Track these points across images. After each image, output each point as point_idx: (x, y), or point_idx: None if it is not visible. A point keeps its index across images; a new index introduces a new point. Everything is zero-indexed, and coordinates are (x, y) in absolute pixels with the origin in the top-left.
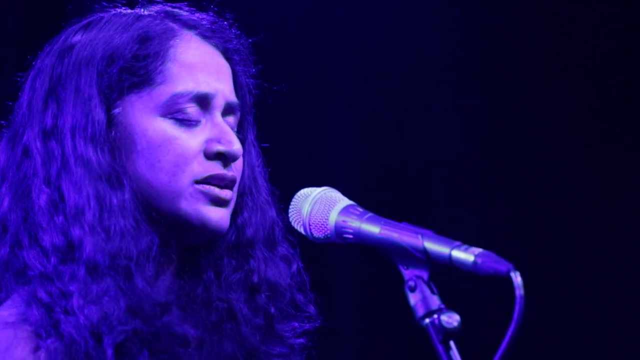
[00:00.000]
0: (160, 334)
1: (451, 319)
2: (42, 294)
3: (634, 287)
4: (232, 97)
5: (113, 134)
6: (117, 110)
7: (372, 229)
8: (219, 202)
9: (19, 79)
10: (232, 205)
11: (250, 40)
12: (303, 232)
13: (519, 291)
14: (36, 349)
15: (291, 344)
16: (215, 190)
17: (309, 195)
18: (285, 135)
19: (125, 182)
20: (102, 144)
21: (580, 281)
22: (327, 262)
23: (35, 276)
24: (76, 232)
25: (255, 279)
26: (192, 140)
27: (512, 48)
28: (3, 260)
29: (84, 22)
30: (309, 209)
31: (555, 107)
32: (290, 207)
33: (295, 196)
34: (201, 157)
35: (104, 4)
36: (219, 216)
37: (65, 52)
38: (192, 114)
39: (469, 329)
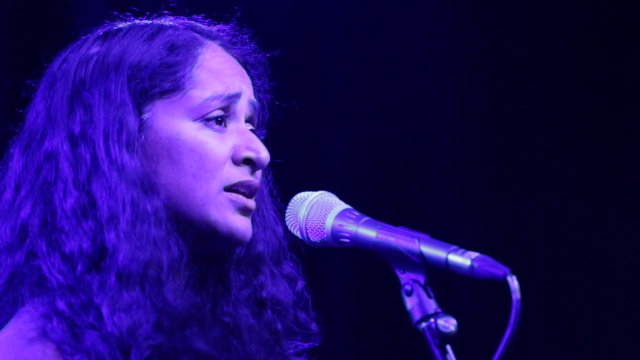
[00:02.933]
0: (181, 349)
1: (448, 323)
2: (61, 306)
3: (633, 291)
4: (254, 98)
5: (143, 139)
6: (146, 116)
7: (369, 233)
8: (246, 211)
9: (30, 86)
10: (252, 216)
11: (268, 55)
12: (299, 236)
13: (516, 295)
14: None
15: (290, 358)
16: (243, 200)
17: (306, 199)
18: (280, 139)
19: (159, 188)
20: (136, 150)
21: (578, 285)
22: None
23: (53, 287)
24: (111, 237)
25: (264, 294)
26: (222, 146)
27: (510, 46)
28: (19, 269)
29: (100, 32)
30: (306, 213)
31: (554, 107)
32: (287, 211)
33: (292, 200)
34: (230, 163)
35: (114, 12)
36: (245, 226)
37: (87, 59)
38: (219, 118)
39: (466, 333)
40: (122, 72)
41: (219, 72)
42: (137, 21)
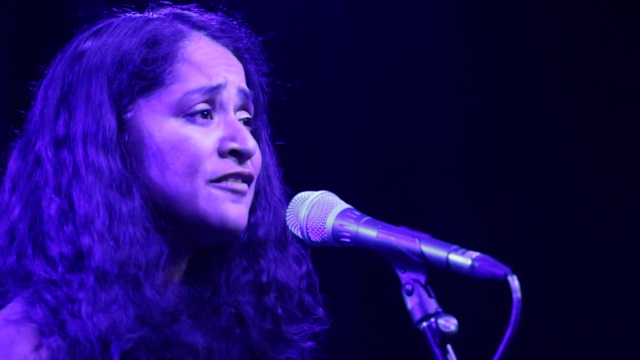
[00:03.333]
0: (170, 342)
1: (448, 323)
2: (47, 296)
3: (633, 291)
4: (244, 85)
5: (126, 138)
6: (128, 115)
7: (370, 232)
8: (237, 195)
9: (31, 87)
10: (249, 202)
11: (260, 38)
12: (300, 235)
13: (516, 295)
14: (38, 347)
15: (300, 347)
16: (231, 184)
17: (306, 199)
18: (281, 139)
19: (135, 189)
20: (114, 151)
21: (578, 285)
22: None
23: (39, 281)
24: (85, 240)
25: (265, 279)
26: (205, 140)
27: (510, 46)
28: (10, 269)
29: (94, 28)
30: (306, 212)
31: (554, 107)
32: (288, 210)
33: (293, 200)
34: (215, 156)
35: (114, 9)
36: (237, 214)
37: (76, 60)
38: (204, 112)
39: (467, 333)
40: (103, 73)
41: (201, 64)
42: (130, 14)
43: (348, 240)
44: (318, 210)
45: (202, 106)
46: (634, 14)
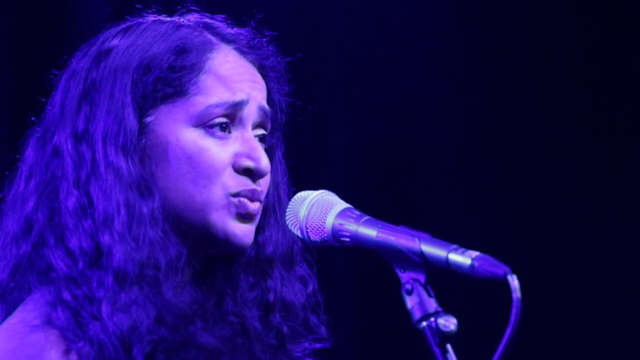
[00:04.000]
0: (186, 344)
1: (448, 322)
2: (67, 296)
3: (632, 290)
4: (265, 104)
5: (144, 142)
6: (149, 119)
7: (369, 232)
8: (247, 217)
9: (52, 77)
10: (257, 221)
11: (288, 59)
12: (300, 235)
13: (516, 294)
14: (67, 352)
15: None
16: (247, 203)
17: (306, 198)
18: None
19: (155, 191)
20: (133, 153)
21: (579, 284)
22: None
23: (59, 277)
24: (105, 239)
25: (272, 297)
26: (222, 153)
27: (510, 46)
28: (26, 258)
29: (123, 26)
30: (306, 212)
31: (554, 107)
32: (287, 210)
33: (292, 199)
34: (231, 171)
35: (141, 6)
36: (242, 232)
37: (102, 56)
38: (223, 125)
39: (466, 333)
40: (129, 74)
41: (227, 79)
42: (160, 17)
43: (348, 239)
44: (318, 209)
45: (221, 120)
46: (634, 13)
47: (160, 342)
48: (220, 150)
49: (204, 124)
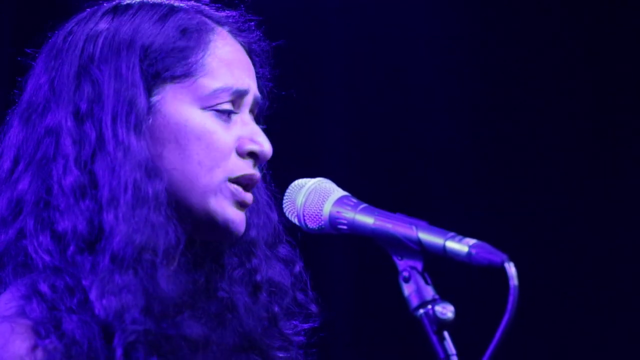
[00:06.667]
0: (171, 335)
1: (445, 310)
2: (44, 288)
3: (629, 279)
4: (258, 93)
5: (150, 121)
6: (156, 99)
7: (366, 219)
8: (243, 205)
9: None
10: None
11: (273, 44)
12: (297, 222)
13: (513, 282)
14: (34, 348)
15: (293, 341)
16: (242, 193)
17: (303, 186)
18: (278, 125)
19: (162, 172)
20: (144, 132)
21: (576, 272)
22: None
23: (37, 268)
24: (109, 218)
25: (259, 277)
26: (227, 136)
27: (508, 42)
28: (6, 249)
29: (108, 6)
30: (303, 199)
31: (551, 99)
32: (285, 197)
33: (290, 187)
34: (234, 155)
35: None
36: (240, 219)
37: (95, 34)
38: (228, 109)
39: (463, 320)
40: (134, 52)
41: (230, 63)
42: None
43: (345, 227)
44: (315, 197)
45: (227, 106)
46: (634, 14)
47: (144, 334)
48: (225, 134)
49: (211, 106)
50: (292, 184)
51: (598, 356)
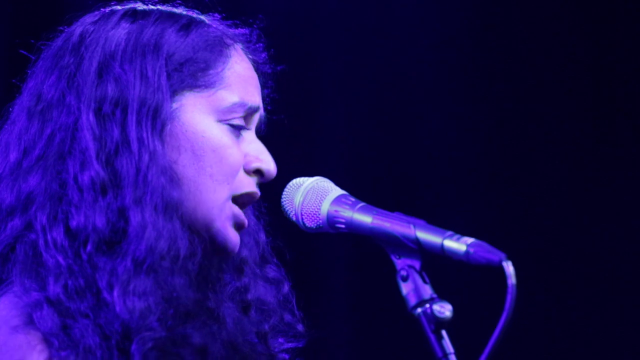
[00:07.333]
0: (180, 343)
1: (443, 309)
2: (55, 290)
3: (629, 279)
4: (263, 112)
5: (169, 128)
6: (175, 105)
7: (365, 218)
8: (240, 228)
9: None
10: None
11: (256, 25)
12: (295, 221)
13: (511, 280)
14: (50, 359)
15: (278, 357)
16: (242, 217)
17: (301, 185)
18: (276, 124)
19: (183, 180)
20: (165, 138)
21: (573, 270)
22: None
23: (48, 267)
24: (134, 220)
25: (249, 296)
26: (238, 153)
27: (508, 42)
28: (14, 241)
29: (126, 9)
30: (301, 198)
31: (551, 99)
32: (283, 196)
33: (288, 186)
34: (242, 171)
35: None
36: (237, 240)
37: (117, 34)
38: (240, 125)
39: (461, 319)
40: (160, 56)
41: (245, 80)
42: (159, 7)
43: (343, 226)
44: (313, 196)
45: (240, 121)
46: (634, 13)
47: (159, 341)
48: (237, 150)
49: (227, 120)
50: (290, 183)
51: (597, 356)
